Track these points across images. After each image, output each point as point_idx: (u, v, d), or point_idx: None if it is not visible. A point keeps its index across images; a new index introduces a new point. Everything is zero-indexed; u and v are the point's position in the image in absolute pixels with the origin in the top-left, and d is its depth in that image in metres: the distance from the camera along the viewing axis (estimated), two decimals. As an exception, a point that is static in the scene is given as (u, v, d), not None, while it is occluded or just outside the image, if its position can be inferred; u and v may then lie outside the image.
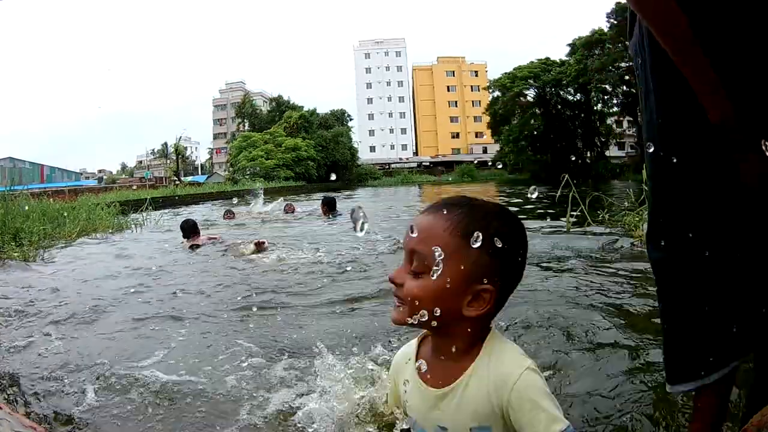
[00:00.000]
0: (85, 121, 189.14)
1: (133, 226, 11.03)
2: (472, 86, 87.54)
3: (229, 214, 11.61)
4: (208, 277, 4.89)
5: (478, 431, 1.16)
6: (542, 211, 10.30)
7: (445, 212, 1.17)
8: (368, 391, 1.70)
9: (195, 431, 1.85)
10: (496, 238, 1.12)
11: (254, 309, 3.45)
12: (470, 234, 1.12)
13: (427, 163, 76.95)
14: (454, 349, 1.20)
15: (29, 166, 54.95)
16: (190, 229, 7.26)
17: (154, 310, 3.57)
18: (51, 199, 12.83)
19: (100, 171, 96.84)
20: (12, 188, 11.38)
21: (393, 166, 73.80)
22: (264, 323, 3.13)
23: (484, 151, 77.17)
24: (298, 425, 1.72)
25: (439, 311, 1.13)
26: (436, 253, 1.12)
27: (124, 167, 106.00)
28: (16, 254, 6.57)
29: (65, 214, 10.45)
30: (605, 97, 47.06)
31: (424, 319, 1.15)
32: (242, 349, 2.51)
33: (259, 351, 2.48)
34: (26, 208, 9.50)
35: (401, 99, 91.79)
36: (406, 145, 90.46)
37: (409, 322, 1.17)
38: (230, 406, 1.96)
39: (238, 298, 3.84)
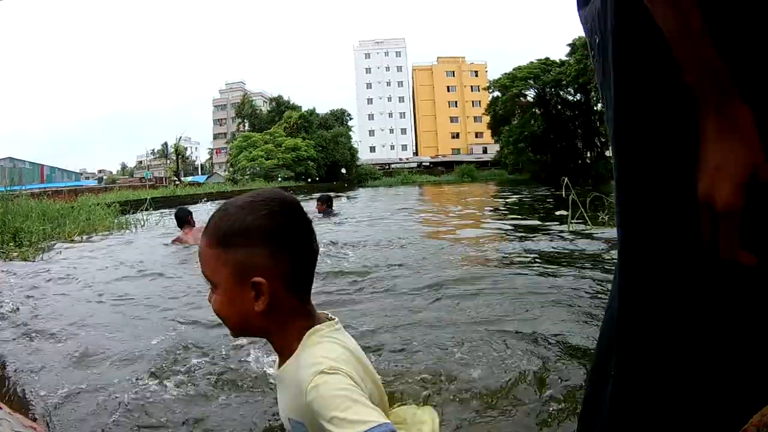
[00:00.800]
0: (85, 121, 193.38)
1: (133, 226, 10.89)
2: (472, 86, 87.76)
3: None
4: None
5: (294, 423, 1.16)
6: (543, 214, 10.43)
7: (206, 228, 1.20)
8: None
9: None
10: (238, 233, 1.13)
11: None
12: (219, 239, 1.14)
13: (428, 164, 77.11)
14: (281, 350, 1.21)
15: (29, 166, 54.79)
16: (184, 218, 7.23)
17: (151, 308, 3.59)
18: (51, 200, 12.85)
19: (100, 171, 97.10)
20: (11, 188, 11.46)
21: (393, 166, 73.94)
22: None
23: (484, 151, 77.35)
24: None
25: (239, 318, 1.16)
26: (207, 270, 1.17)
27: (124, 167, 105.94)
28: (15, 254, 6.58)
29: (64, 214, 10.43)
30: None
31: (241, 330, 1.20)
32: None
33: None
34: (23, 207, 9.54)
35: (401, 99, 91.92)
36: (406, 145, 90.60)
37: (237, 336, 1.24)
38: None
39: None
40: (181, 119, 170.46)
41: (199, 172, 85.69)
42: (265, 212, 1.13)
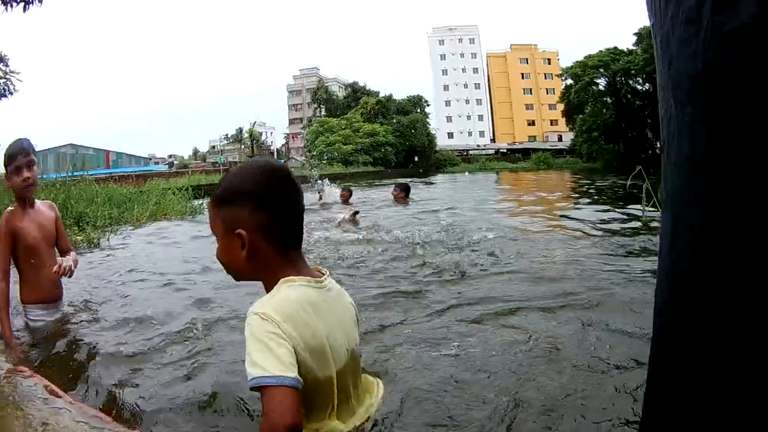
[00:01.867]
0: (154, 109, 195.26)
1: (206, 210, 9.90)
2: (545, 74, 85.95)
3: None
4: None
5: None
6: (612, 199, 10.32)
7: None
8: None
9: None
10: (228, 194, 1.37)
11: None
12: (216, 200, 1.40)
13: (505, 150, 75.85)
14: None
15: (93, 152, 53.99)
16: None
17: (214, 293, 3.75)
18: (117, 184, 13.10)
19: (170, 156, 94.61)
20: (74, 174, 11.75)
21: (471, 152, 72.67)
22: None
23: (559, 139, 75.72)
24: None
25: (231, 263, 1.38)
26: (210, 225, 1.43)
27: (195, 152, 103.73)
28: (79, 238, 6.73)
29: (132, 199, 10.57)
30: (671, 87, 45.68)
31: (236, 274, 1.42)
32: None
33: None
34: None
35: (477, 86, 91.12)
36: (483, 131, 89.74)
37: (238, 280, 1.46)
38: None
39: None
40: (254, 105, 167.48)
41: (275, 157, 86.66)
42: (249, 176, 1.36)
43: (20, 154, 2.96)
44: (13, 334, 2.82)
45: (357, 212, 7.09)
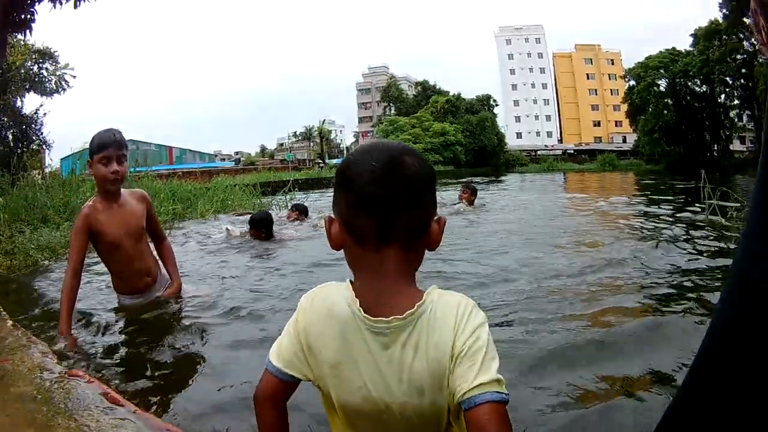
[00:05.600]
0: (220, 106, 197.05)
1: (276, 206, 10.35)
2: (609, 74, 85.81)
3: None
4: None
5: None
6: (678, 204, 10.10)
7: None
8: None
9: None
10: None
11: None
12: None
13: (572, 151, 75.24)
14: None
15: (155, 147, 52.56)
16: None
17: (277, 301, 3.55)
18: (181, 180, 12.55)
19: (236, 153, 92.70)
20: (135, 170, 11.37)
21: (539, 152, 71.51)
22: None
23: (624, 140, 75.90)
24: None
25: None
26: None
27: (263, 150, 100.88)
28: None
29: (197, 194, 10.19)
30: (726, 90, 45.70)
31: None
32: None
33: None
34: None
35: (544, 86, 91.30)
36: (551, 132, 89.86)
37: None
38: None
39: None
40: (323, 103, 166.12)
41: (344, 155, 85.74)
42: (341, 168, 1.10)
43: (113, 145, 2.85)
44: (72, 333, 2.67)
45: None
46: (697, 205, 8.62)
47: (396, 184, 1.01)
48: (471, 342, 1.01)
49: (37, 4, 9.04)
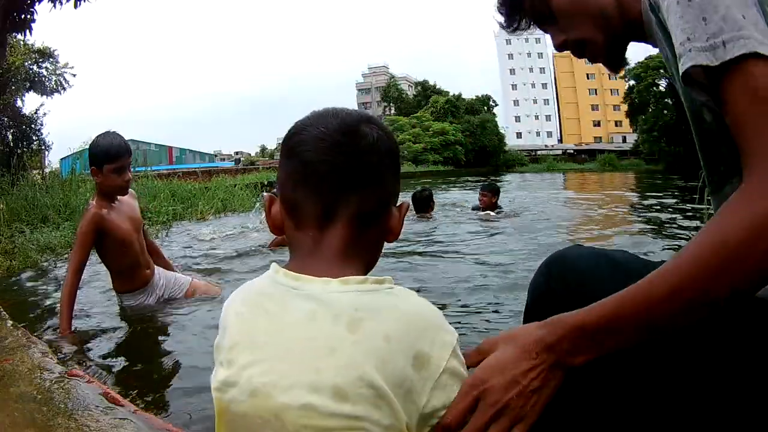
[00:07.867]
0: (220, 106, 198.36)
1: None
2: (609, 74, 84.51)
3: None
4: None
5: None
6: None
7: None
8: None
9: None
10: None
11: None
12: None
13: (572, 151, 74.45)
14: None
15: (155, 147, 51.84)
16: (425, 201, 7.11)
17: None
18: (181, 180, 12.45)
19: (236, 153, 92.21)
20: (135, 169, 11.10)
21: (539, 152, 70.89)
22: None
23: (624, 140, 75.48)
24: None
25: None
26: None
27: (263, 149, 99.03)
28: None
29: (197, 194, 10.18)
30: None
31: None
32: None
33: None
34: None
35: (544, 86, 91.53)
36: (551, 131, 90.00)
37: None
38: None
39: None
40: (323, 102, 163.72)
41: None
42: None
43: (126, 154, 2.86)
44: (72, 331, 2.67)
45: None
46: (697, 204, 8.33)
47: (348, 155, 0.82)
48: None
49: (37, 4, 9.03)
